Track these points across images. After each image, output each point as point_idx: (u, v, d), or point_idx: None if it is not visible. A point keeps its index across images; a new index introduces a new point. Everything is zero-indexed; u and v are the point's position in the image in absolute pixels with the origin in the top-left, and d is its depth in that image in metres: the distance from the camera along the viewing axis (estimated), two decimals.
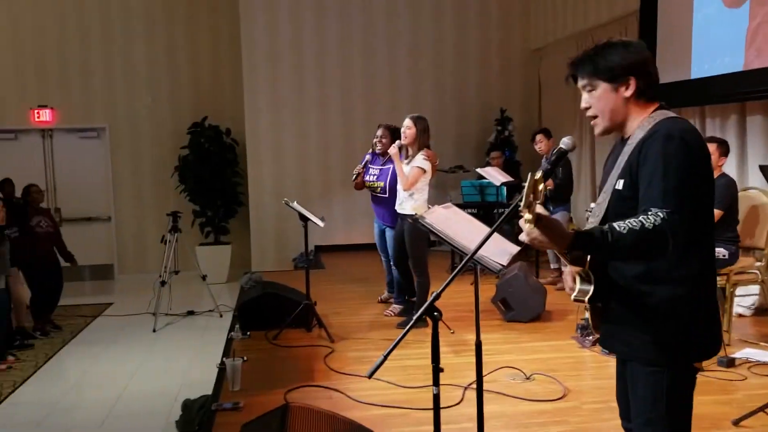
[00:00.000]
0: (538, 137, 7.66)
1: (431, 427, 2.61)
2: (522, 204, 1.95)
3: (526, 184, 1.92)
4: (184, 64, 10.96)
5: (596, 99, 2.31)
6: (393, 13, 10.50)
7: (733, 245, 5.38)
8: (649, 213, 2.05)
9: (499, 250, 3.07)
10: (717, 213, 5.33)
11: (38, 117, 10.62)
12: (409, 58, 10.59)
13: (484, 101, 10.76)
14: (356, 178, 6.48)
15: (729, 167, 6.61)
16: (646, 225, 2.02)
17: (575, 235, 2.05)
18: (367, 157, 6.54)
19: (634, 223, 2.02)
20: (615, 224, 2.04)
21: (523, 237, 2.05)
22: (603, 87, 2.30)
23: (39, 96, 10.63)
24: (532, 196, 1.92)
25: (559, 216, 7.34)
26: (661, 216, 2.03)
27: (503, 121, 10.40)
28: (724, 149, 5.48)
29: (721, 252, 5.14)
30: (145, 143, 10.92)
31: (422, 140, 6.00)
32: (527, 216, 1.95)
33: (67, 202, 10.79)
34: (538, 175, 1.95)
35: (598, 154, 8.90)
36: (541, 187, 1.94)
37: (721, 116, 6.80)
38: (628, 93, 2.27)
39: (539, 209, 1.98)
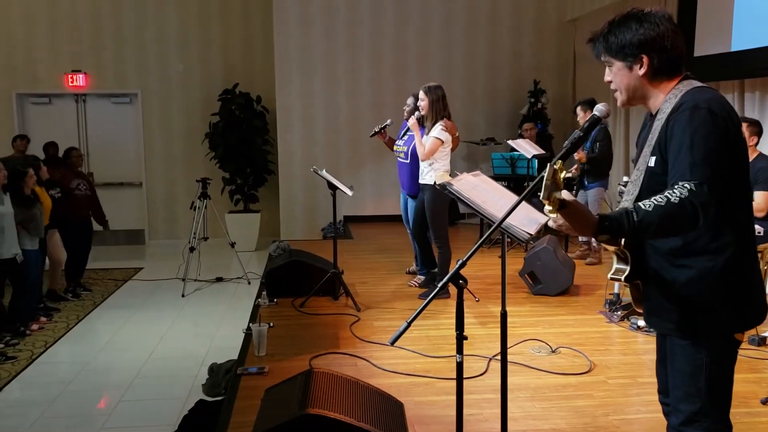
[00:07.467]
0: (579, 109, 7.30)
1: (454, 397, 2.59)
2: (542, 195, 1.94)
3: (545, 175, 1.91)
4: (217, 31, 10.95)
5: (614, 75, 2.30)
6: None
7: None
8: (676, 186, 2.00)
9: (527, 219, 3.02)
10: (764, 195, 5.15)
11: (72, 82, 10.71)
12: (441, 28, 10.43)
13: (517, 73, 10.58)
14: (374, 134, 6.57)
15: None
16: (672, 199, 1.97)
17: (600, 220, 2.01)
18: (388, 121, 6.62)
19: (660, 199, 1.98)
20: (641, 203, 2.01)
21: (550, 224, 2.07)
22: (617, 65, 2.28)
23: (72, 61, 10.72)
24: (552, 185, 1.91)
25: (594, 192, 7.16)
26: (688, 188, 1.98)
27: (536, 93, 10.22)
28: (756, 129, 5.30)
29: (757, 228, 5.01)
30: (176, 109, 10.98)
31: (436, 109, 5.95)
32: (547, 207, 1.95)
33: (99, 166, 10.93)
34: (558, 164, 1.94)
35: (632, 128, 8.74)
36: (563, 174, 1.94)
37: (761, 90, 6.62)
38: (642, 71, 2.22)
39: (565, 195, 1.97)
